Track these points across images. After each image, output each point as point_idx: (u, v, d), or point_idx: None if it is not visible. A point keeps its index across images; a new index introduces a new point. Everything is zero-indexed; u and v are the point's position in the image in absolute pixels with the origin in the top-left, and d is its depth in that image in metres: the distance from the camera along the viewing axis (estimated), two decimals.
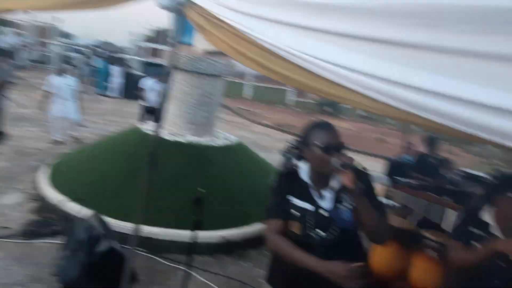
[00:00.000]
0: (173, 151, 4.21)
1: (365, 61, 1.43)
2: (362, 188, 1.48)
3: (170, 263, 3.44)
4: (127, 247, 2.68)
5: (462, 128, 1.27)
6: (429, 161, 4.93)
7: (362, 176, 1.53)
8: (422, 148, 5.22)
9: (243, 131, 10.82)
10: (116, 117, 10.08)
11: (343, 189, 1.53)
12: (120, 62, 14.59)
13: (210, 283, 3.27)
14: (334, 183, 1.57)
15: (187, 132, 4.70)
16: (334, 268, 1.37)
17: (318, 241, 1.53)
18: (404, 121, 1.51)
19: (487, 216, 1.87)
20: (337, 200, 1.56)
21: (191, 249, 2.62)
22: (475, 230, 1.86)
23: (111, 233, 2.97)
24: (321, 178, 1.58)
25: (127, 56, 18.09)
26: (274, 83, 22.66)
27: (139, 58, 18.26)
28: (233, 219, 3.95)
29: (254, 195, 4.51)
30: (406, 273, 3.03)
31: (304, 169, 1.64)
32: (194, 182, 4.08)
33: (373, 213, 1.47)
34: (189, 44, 4.62)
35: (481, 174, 5.91)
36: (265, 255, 4.07)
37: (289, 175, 1.65)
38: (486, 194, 1.98)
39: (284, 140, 11.01)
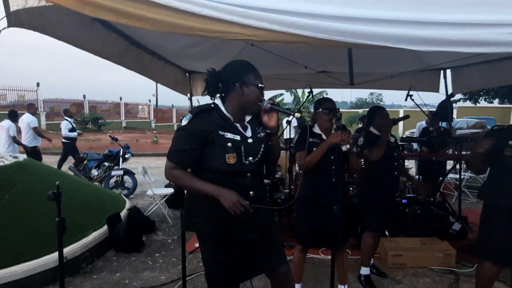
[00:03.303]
0: None
1: None
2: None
3: None
4: None
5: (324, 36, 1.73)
6: None
7: None
8: None
9: None
10: None
11: (254, 121, 1.80)
12: None
13: None
14: (248, 117, 1.79)
15: None
16: (226, 193, 1.56)
17: (248, 168, 1.69)
18: (283, 42, 1.83)
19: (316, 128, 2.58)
20: (254, 130, 1.78)
21: (61, 272, 2.11)
22: (312, 140, 2.50)
23: None
24: (239, 113, 1.75)
25: None
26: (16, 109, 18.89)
27: None
28: (67, 235, 3.32)
29: (76, 205, 3.95)
30: None
31: (221, 106, 1.72)
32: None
33: None
34: None
35: None
36: (113, 259, 3.65)
37: (209, 112, 1.68)
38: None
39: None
